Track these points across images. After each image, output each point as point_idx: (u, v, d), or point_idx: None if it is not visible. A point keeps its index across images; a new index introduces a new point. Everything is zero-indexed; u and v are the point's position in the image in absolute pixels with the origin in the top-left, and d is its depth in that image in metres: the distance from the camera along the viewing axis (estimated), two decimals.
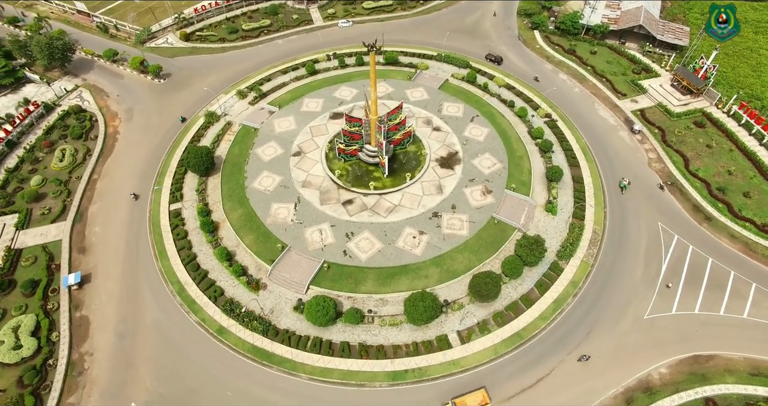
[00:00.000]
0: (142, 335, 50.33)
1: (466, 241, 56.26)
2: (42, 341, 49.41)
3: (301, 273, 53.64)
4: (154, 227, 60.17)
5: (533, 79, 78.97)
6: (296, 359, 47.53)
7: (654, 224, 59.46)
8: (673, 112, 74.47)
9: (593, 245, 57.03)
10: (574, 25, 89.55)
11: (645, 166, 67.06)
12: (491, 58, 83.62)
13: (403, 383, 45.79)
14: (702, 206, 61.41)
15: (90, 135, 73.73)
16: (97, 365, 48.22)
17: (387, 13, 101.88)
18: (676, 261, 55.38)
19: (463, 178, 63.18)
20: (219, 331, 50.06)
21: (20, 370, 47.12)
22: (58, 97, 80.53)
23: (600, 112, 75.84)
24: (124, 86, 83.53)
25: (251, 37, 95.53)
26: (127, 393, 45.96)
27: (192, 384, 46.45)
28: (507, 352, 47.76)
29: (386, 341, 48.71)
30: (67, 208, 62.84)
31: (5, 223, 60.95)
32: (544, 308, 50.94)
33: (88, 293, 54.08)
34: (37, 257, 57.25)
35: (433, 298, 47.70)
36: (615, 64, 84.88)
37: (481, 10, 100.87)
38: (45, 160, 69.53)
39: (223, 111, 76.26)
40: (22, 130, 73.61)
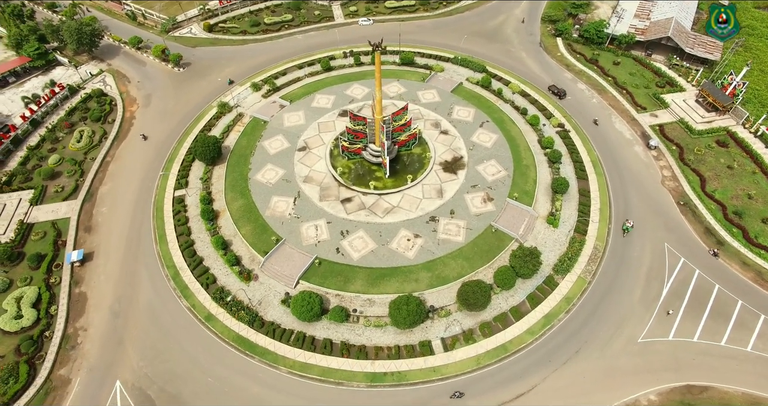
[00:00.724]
0: (135, 315, 51.83)
1: (461, 247, 55.43)
2: (41, 313, 51.57)
3: (292, 267, 54.06)
4: (158, 211, 61.85)
5: (592, 122, 71.87)
6: (278, 352, 47.96)
7: (660, 244, 57.07)
8: (694, 129, 71.28)
9: (593, 262, 55.20)
10: (599, 35, 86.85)
11: (658, 184, 64.43)
12: (554, 91, 76.60)
13: (381, 386, 45.53)
14: (714, 230, 58.56)
15: (108, 118, 76.40)
16: (89, 341, 49.96)
17: (409, 13, 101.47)
18: (680, 285, 52.98)
19: (465, 184, 62.28)
20: (207, 318, 51.02)
21: (19, 339, 49.28)
22: (83, 81, 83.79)
23: (616, 125, 73.31)
24: (145, 73, 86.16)
25: (272, 31, 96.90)
26: (114, 370, 47.42)
27: (176, 368, 47.52)
28: (490, 364, 46.79)
29: (369, 342, 48.54)
30: (79, 187, 65.32)
31: (21, 198, 63.87)
32: (533, 323, 49.65)
33: (89, 270, 56.08)
34: (46, 233, 59.76)
35: (418, 302, 47.18)
36: (638, 77, 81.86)
37: (504, 15, 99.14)
38: (64, 141, 72.47)
39: (235, 102, 77.62)
40: (47, 111, 76.95)
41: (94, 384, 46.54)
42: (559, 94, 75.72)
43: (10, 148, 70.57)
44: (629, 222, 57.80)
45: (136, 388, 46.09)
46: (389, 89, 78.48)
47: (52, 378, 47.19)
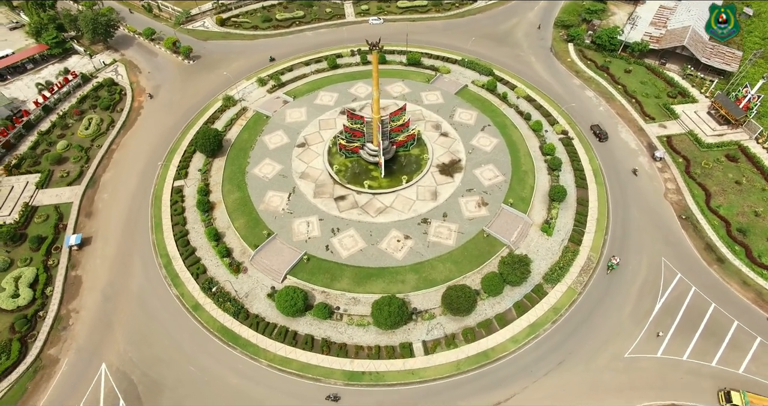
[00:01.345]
0: (125, 300, 53.02)
1: (451, 251, 55.01)
2: (37, 293, 53.23)
3: (281, 262, 54.50)
4: (156, 200, 63.11)
5: (632, 172, 64.46)
6: (260, 345, 48.45)
7: (657, 258, 55.60)
8: (703, 142, 69.18)
9: (585, 272, 54.13)
10: (611, 41, 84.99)
11: (660, 197, 62.76)
12: (596, 132, 69.88)
13: (358, 385, 45.58)
14: (716, 246, 56.76)
15: (117, 107, 78.26)
16: (80, 323, 51.33)
17: (420, 13, 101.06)
18: (674, 301, 51.53)
19: (460, 188, 61.77)
20: (194, 307, 51.86)
21: (14, 317, 50.96)
22: (96, 70, 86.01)
23: (622, 134, 71.66)
24: (156, 64, 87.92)
25: (283, 27, 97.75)
26: (100, 353, 48.61)
27: (160, 354, 48.44)
28: (469, 370, 46.35)
29: (350, 340, 48.63)
30: (84, 173, 67.10)
31: (28, 181, 65.95)
32: (517, 331, 48.97)
33: (86, 254, 57.58)
34: (48, 216, 61.58)
35: (400, 304, 47.02)
36: (649, 86, 79.82)
37: (517, 18, 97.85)
38: (73, 127, 74.53)
39: (240, 96, 78.57)
40: (60, 98, 79.24)
41: (80, 365, 47.80)
42: (600, 137, 69.26)
43: (22, 133, 72.94)
44: (615, 259, 53.92)
45: (120, 371, 47.16)
46: (393, 89, 78.35)
47: (42, 357, 48.66)
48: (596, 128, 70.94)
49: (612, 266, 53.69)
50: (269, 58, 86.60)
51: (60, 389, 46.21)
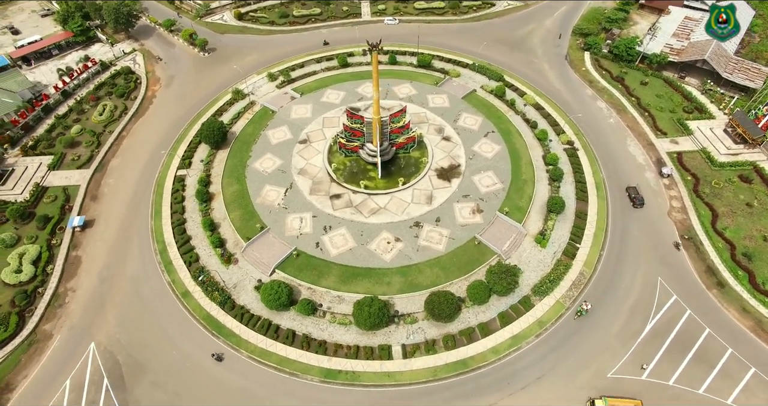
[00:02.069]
0: (120, 283, 54.76)
1: (440, 256, 54.71)
2: (39, 270, 55.53)
3: (271, 256, 55.26)
4: (158, 187, 64.87)
5: (674, 246, 56.61)
6: (242, 336, 49.30)
7: (653, 278, 53.94)
8: (716, 160, 66.65)
9: (575, 287, 52.98)
10: (629, 52, 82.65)
11: (663, 215, 60.80)
12: (632, 195, 61.43)
13: (334, 383, 45.87)
14: (717, 270, 54.69)
15: (131, 95, 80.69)
16: (75, 302, 53.31)
17: (436, 15, 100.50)
18: (665, 323, 49.89)
19: (457, 193, 61.31)
20: (184, 294, 53.15)
21: (15, 292, 53.28)
22: (116, 58, 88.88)
23: (630, 148, 69.70)
24: (172, 55, 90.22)
25: (299, 23, 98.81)
26: (91, 332, 50.38)
27: (147, 338, 49.86)
28: (446, 377, 46.03)
29: (330, 338, 48.98)
30: (94, 158, 69.53)
31: (42, 162, 68.76)
32: (499, 342, 48.36)
33: (88, 236, 59.70)
34: (57, 197, 64.08)
35: (381, 306, 47.05)
36: (665, 99, 77.30)
37: (534, 24, 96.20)
38: (88, 113, 77.28)
39: (250, 90, 79.86)
40: (79, 84, 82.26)
41: (72, 342, 49.67)
42: (635, 201, 60.68)
43: (40, 116, 76.06)
44: (587, 305, 50.00)
45: (107, 351, 48.78)
46: (400, 90, 78.28)
47: (37, 332, 50.79)
48: (632, 191, 61.77)
49: (581, 312, 49.76)
50: (323, 41, 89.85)
51: (51, 364, 48.15)
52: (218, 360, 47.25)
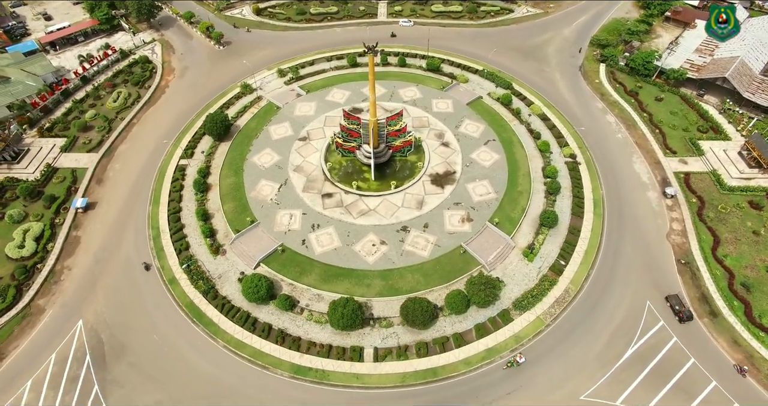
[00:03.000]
0: (113, 265, 56.86)
1: (423, 262, 54.50)
2: (40, 247, 58.19)
3: (258, 249, 56.27)
4: (160, 175, 66.92)
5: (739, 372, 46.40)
6: (220, 325, 50.46)
7: (641, 302, 52.21)
8: (725, 184, 63.86)
9: (558, 304, 51.84)
10: (646, 66, 79.92)
11: (662, 237, 58.70)
12: (676, 309, 50.27)
13: (303, 379, 46.44)
14: (712, 298, 52.49)
15: (146, 84, 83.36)
16: (70, 279, 55.70)
17: (452, 19, 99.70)
18: (648, 349, 48.23)
19: (449, 200, 60.86)
20: (170, 280, 54.76)
21: (15, 266, 56.06)
22: (136, 47, 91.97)
23: (635, 165, 67.50)
24: (189, 47, 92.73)
25: (315, 20, 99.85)
26: (80, 310, 52.55)
27: (131, 320, 51.66)
28: (413, 384, 45.91)
29: (305, 335, 49.57)
30: (103, 142, 72.27)
31: (55, 144, 71.93)
32: (472, 354, 47.84)
33: (89, 217, 62.20)
34: (65, 178, 66.96)
35: (355, 307, 47.27)
36: (679, 117, 74.46)
37: (551, 33, 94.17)
38: (104, 99, 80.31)
39: (258, 85, 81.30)
40: (98, 70, 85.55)
41: (61, 318, 51.95)
42: (682, 315, 49.61)
43: (59, 99, 79.53)
44: (520, 358, 46.42)
45: (93, 329, 50.82)
46: (405, 93, 78.14)
47: (31, 306, 53.32)
48: (674, 301, 50.67)
49: (512, 364, 46.43)
50: (391, 33, 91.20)
51: (40, 337, 50.52)
52: (146, 269, 54.50)
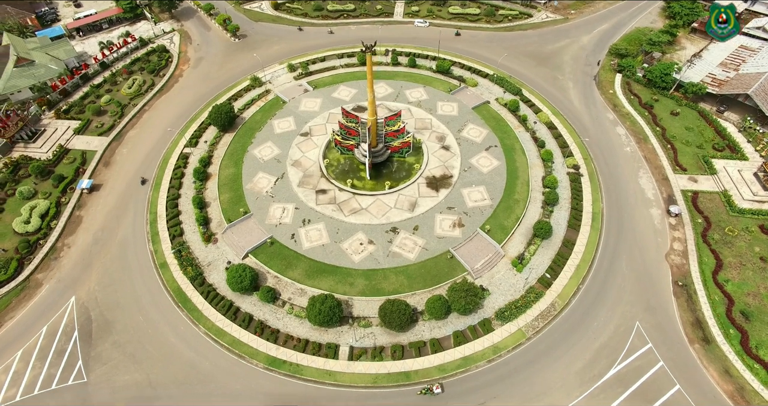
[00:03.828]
0: (109, 246, 58.77)
1: (408, 265, 54.17)
2: (44, 223, 60.69)
3: (247, 240, 57.11)
4: (163, 162, 68.71)
5: None
6: (203, 312, 51.49)
7: (630, 322, 50.44)
8: (736, 205, 60.92)
9: (542, 318, 50.63)
10: (664, 78, 76.96)
11: (661, 256, 56.52)
12: None
13: (276, 372, 46.90)
14: (707, 324, 50.23)
15: (161, 72, 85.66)
16: (68, 257, 57.88)
17: (469, 21, 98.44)
18: (632, 371, 46.57)
19: (442, 204, 60.24)
20: (162, 265, 56.20)
21: (20, 240, 58.65)
22: (156, 36, 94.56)
23: (641, 180, 65.16)
24: (206, 38, 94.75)
25: (331, 17, 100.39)
26: (74, 287, 54.56)
27: (121, 300, 53.28)
28: (385, 386, 45.71)
29: (284, 328, 50.04)
30: (115, 127, 74.68)
31: (69, 126, 74.82)
32: (447, 360, 47.27)
33: (92, 198, 64.47)
34: (75, 159, 69.57)
35: (334, 304, 47.38)
36: (695, 133, 71.45)
37: (568, 40, 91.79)
38: (120, 85, 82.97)
39: (268, 79, 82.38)
40: (117, 57, 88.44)
41: (56, 293, 54.08)
42: None
43: (78, 83, 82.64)
44: (437, 389, 44.61)
45: (84, 307, 52.68)
46: (411, 94, 77.71)
47: (30, 279, 55.72)
48: None
49: (425, 391, 44.57)
50: (455, 32, 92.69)
51: (34, 310, 52.76)
52: (142, 183, 62.34)
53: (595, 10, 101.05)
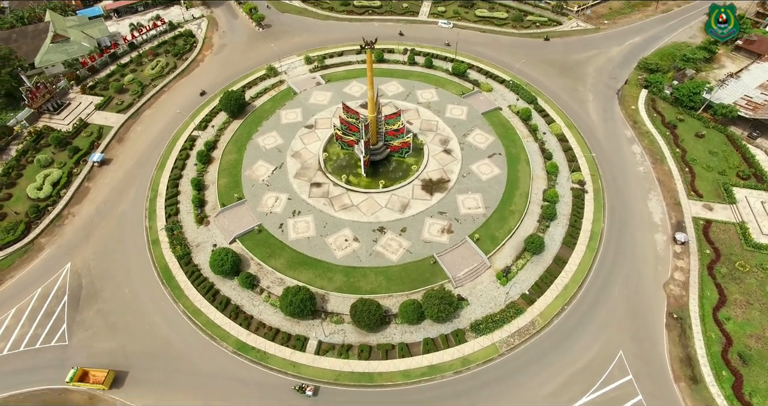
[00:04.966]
0: (109, 218, 61.34)
1: (390, 266, 53.54)
2: (55, 191, 64.05)
3: (237, 225, 58.14)
4: (172, 143, 70.99)
5: None
6: (185, 291, 52.87)
7: (613, 350, 47.80)
8: (752, 240, 56.54)
9: (519, 335, 48.82)
10: (692, 97, 72.30)
11: (658, 285, 53.24)
12: None
13: (243, 357, 47.55)
14: (697, 362, 46.94)
15: (184, 56, 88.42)
16: (71, 225, 60.86)
17: (495, 25, 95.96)
18: (607, 401, 44.14)
19: (434, 208, 59.13)
20: (154, 241, 58.12)
21: (30, 205, 62.12)
22: (185, 21, 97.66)
23: (650, 203, 61.56)
24: (232, 25, 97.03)
25: (356, 13, 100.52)
26: (72, 254, 57.28)
27: (111, 271, 55.52)
28: (346, 384, 45.40)
29: (258, 315, 50.65)
30: (133, 105, 77.78)
31: (92, 101, 78.55)
32: (414, 367, 46.40)
33: (101, 172, 67.46)
34: (93, 133, 72.99)
35: (305, 298, 47.44)
36: (719, 158, 66.77)
37: (596, 51, 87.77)
38: (144, 65, 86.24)
39: (284, 70, 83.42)
40: (146, 39, 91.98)
41: (54, 258, 56.99)
42: None
43: (107, 62, 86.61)
44: (309, 390, 44.03)
45: (77, 274, 55.25)
46: (422, 95, 76.65)
47: (34, 242, 58.97)
48: None
49: (298, 389, 44.34)
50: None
51: (33, 271, 55.84)
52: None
53: (630, 21, 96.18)
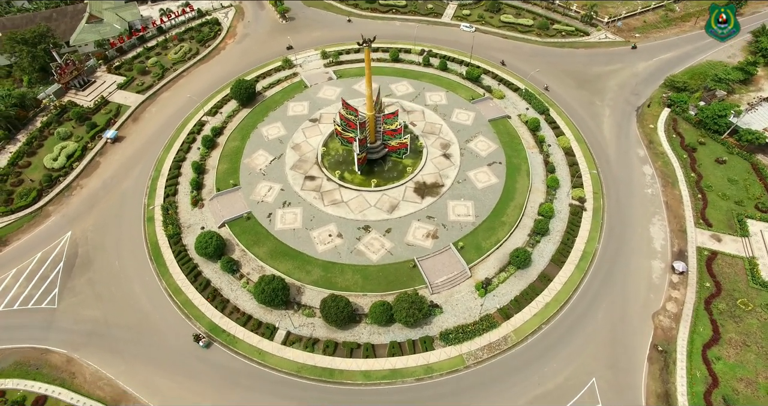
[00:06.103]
0: (112, 193, 64.25)
1: (368, 265, 53.36)
2: (68, 163, 67.67)
3: (228, 211, 59.52)
4: (182, 126, 73.44)
5: None
6: (169, 270, 54.68)
7: (586, 377, 45.77)
8: (760, 277, 52.65)
9: (489, 350, 47.54)
10: (717, 120, 67.92)
11: (647, 314, 50.48)
12: None
13: (213, 339, 48.70)
14: (675, 400, 44.20)
15: (207, 43, 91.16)
16: (78, 196, 64.17)
17: (519, 32, 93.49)
18: None
19: (423, 211, 58.43)
20: (149, 218, 60.42)
21: (44, 174, 65.92)
22: (213, 9, 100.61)
23: (652, 227, 58.38)
24: (258, 16, 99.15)
25: (380, 11, 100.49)
26: (73, 223, 60.38)
27: (106, 243, 58.18)
28: (307, 378, 45.68)
29: (234, 300, 51.73)
30: (152, 87, 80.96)
31: (116, 80, 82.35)
32: (376, 369, 46.09)
33: (113, 148, 70.68)
34: (111, 110, 76.57)
35: (277, 287, 47.98)
36: (738, 187, 62.47)
37: (620, 65, 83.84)
38: (169, 50, 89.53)
39: (299, 63, 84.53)
40: (174, 24, 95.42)
41: (57, 226, 60.28)
42: None
43: (135, 44, 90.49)
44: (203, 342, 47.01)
45: (75, 243, 58.21)
46: (431, 97, 75.76)
47: (43, 209, 62.55)
48: None
49: (195, 338, 47.23)
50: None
51: (36, 236, 59.30)
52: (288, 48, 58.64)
53: (664, 36, 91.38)
